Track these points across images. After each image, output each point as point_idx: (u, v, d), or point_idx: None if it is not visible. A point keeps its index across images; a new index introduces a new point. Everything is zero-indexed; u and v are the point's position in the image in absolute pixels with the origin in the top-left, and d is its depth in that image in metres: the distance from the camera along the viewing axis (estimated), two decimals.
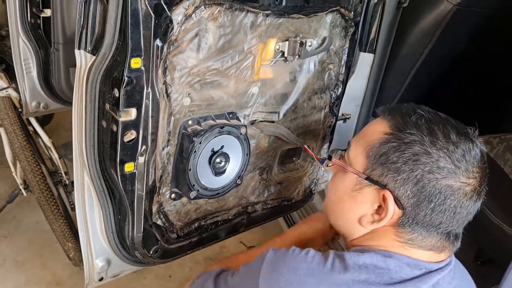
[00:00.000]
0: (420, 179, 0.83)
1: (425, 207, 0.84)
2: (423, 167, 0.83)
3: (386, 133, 0.88)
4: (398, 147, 0.85)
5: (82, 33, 0.98)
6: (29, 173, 2.04)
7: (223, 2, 1.02)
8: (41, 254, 2.54)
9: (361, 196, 0.91)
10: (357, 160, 0.93)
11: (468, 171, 0.83)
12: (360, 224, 0.92)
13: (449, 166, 0.82)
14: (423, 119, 0.87)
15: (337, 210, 0.99)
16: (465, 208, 0.85)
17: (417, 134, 0.84)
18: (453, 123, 0.88)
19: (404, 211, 0.86)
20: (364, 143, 0.91)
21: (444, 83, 1.79)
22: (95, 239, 1.19)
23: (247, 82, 1.19)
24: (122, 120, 0.99)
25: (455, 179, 0.83)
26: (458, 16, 1.49)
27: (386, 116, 0.92)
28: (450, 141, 0.83)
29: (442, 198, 0.83)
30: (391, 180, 0.86)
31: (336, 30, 1.33)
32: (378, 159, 0.87)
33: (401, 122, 0.87)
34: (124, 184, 1.07)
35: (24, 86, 2.13)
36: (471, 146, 0.85)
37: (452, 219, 0.85)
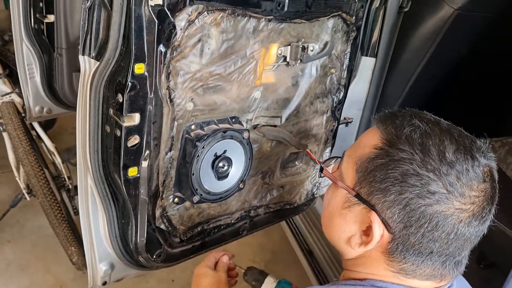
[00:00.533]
0: (408, 203, 0.74)
1: (415, 233, 0.76)
2: (412, 189, 0.74)
3: (376, 147, 0.80)
4: (387, 165, 0.77)
5: (86, 39, 0.99)
6: (33, 178, 2.05)
7: (225, 7, 1.03)
8: (44, 258, 2.55)
9: (351, 215, 0.84)
10: (347, 174, 0.85)
11: (464, 195, 0.74)
12: (349, 245, 0.85)
13: (441, 191, 0.73)
14: (418, 132, 0.77)
15: (329, 227, 0.91)
16: (461, 235, 0.76)
17: (408, 151, 0.75)
18: (454, 137, 0.77)
19: (393, 235, 0.78)
20: (355, 156, 0.84)
21: (445, 87, 1.79)
22: (98, 243, 1.19)
23: (250, 86, 1.19)
24: (125, 125, 1.00)
25: (447, 205, 0.74)
26: (459, 20, 1.49)
27: (380, 126, 0.83)
28: (444, 160, 0.74)
29: (433, 225, 0.75)
30: (378, 201, 0.78)
31: (337, 34, 1.34)
32: (366, 176, 0.80)
33: (394, 135, 0.79)
34: (127, 188, 1.08)
35: (28, 91, 2.14)
36: (469, 165, 0.74)
37: (447, 247, 0.77)
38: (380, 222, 0.78)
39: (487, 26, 1.57)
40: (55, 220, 2.02)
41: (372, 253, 0.83)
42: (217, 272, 1.26)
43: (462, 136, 0.79)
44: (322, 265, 1.90)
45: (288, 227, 2.13)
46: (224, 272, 1.26)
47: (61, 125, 3.54)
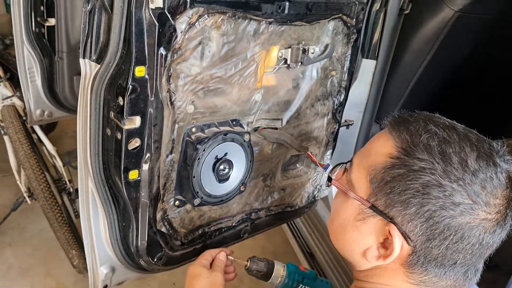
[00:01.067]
0: (431, 216, 0.71)
1: (438, 246, 0.73)
2: (435, 201, 0.70)
3: (392, 156, 0.75)
4: (406, 176, 0.73)
5: (87, 42, 0.99)
6: (34, 181, 2.05)
7: (226, 10, 1.03)
8: (46, 262, 2.55)
9: (366, 227, 0.80)
10: (360, 184, 0.81)
11: (489, 205, 0.71)
12: (365, 258, 0.81)
13: (466, 202, 0.70)
14: (436, 139, 0.73)
15: (341, 239, 0.87)
16: (486, 244, 0.74)
17: (428, 161, 0.72)
18: (473, 142, 0.74)
19: (414, 248, 0.75)
20: (367, 165, 0.80)
21: (446, 89, 1.79)
22: (99, 246, 1.19)
23: (250, 89, 1.19)
24: (126, 128, 1.00)
25: (473, 216, 0.70)
26: (460, 22, 1.49)
27: (393, 131, 0.78)
28: (467, 169, 0.70)
29: (458, 237, 0.71)
30: (397, 214, 0.74)
31: (338, 37, 1.34)
32: (382, 188, 0.76)
33: (410, 143, 0.74)
34: (128, 191, 1.08)
35: (29, 94, 2.15)
36: (493, 172, 0.71)
37: (470, 257, 0.74)
38: (400, 235, 0.75)
39: (488, 28, 1.57)
40: (56, 223, 2.02)
41: (390, 264, 0.79)
42: (212, 272, 1.15)
43: (480, 141, 0.75)
44: (323, 267, 1.90)
45: (290, 230, 2.13)
46: (220, 271, 1.17)
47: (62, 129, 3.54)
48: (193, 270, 1.17)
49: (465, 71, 1.72)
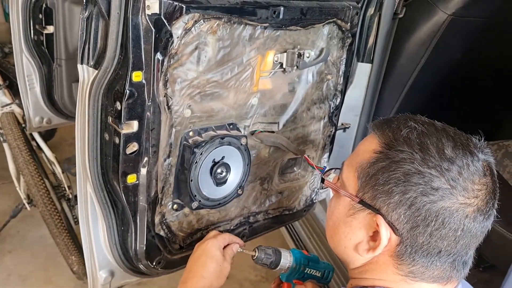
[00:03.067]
0: (413, 202, 0.75)
1: (422, 233, 0.76)
2: (416, 188, 0.75)
3: (376, 152, 0.81)
4: (388, 167, 0.77)
5: (85, 48, 1.00)
6: (33, 188, 2.06)
7: (221, 15, 1.05)
8: (45, 268, 2.55)
9: (356, 222, 0.84)
10: (349, 182, 0.85)
11: (467, 189, 0.75)
12: (357, 252, 0.85)
13: (444, 186, 0.74)
14: (415, 132, 0.79)
15: (335, 237, 0.90)
16: (468, 231, 0.76)
17: (407, 151, 0.76)
18: (450, 135, 0.79)
19: (401, 237, 0.78)
20: (355, 164, 0.84)
21: (441, 92, 1.80)
22: (98, 250, 1.20)
23: (247, 93, 1.21)
24: (124, 133, 1.01)
25: (452, 201, 0.74)
26: (453, 25, 1.51)
27: (377, 131, 0.84)
28: (444, 157, 0.75)
29: (439, 222, 0.75)
30: (382, 204, 0.78)
31: (333, 41, 1.35)
32: (368, 181, 0.80)
33: (391, 138, 0.80)
34: (126, 195, 1.09)
35: (28, 101, 2.16)
36: (469, 160, 0.76)
37: (454, 245, 0.77)
38: (387, 225, 0.78)
39: (480, 31, 1.59)
40: (55, 230, 2.02)
41: (380, 258, 0.83)
42: (224, 261, 1.14)
43: (457, 134, 0.81)
44: None
45: (288, 233, 2.13)
46: (229, 263, 1.16)
47: (61, 136, 3.55)
48: (210, 248, 1.14)
49: (459, 74, 1.73)
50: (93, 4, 0.96)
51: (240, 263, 2.61)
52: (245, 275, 2.57)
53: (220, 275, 1.12)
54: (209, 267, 1.11)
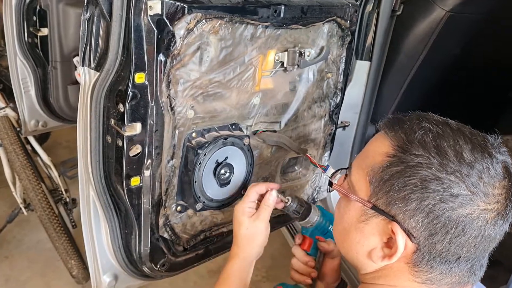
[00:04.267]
0: (431, 210, 0.71)
1: (441, 241, 0.73)
2: (434, 195, 0.71)
3: (389, 155, 0.76)
4: (403, 172, 0.73)
5: (86, 50, 0.99)
6: (31, 192, 2.04)
7: (223, 15, 1.04)
8: (44, 273, 2.53)
9: (369, 228, 0.80)
10: (360, 186, 0.82)
11: (488, 195, 0.71)
12: (370, 259, 0.81)
13: (464, 193, 0.70)
14: (431, 134, 0.74)
15: (345, 243, 0.87)
16: (488, 236, 0.73)
17: (423, 156, 0.72)
18: (466, 135, 0.75)
19: (417, 245, 0.75)
20: (365, 166, 0.80)
21: (440, 88, 1.81)
22: (101, 254, 1.19)
23: (249, 93, 1.20)
24: (127, 135, 1.00)
25: (472, 207, 0.71)
26: (451, 22, 1.51)
27: (388, 131, 0.80)
28: (463, 161, 0.71)
29: (460, 230, 0.72)
30: (398, 211, 0.74)
31: (333, 39, 1.35)
32: (382, 186, 0.77)
33: (405, 140, 0.76)
34: (130, 198, 1.08)
35: (23, 105, 2.14)
36: (489, 163, 0.72)
37: (474, 250, 0.74)
38: (403, 233, 0.75)
39: (479, 27, 1.59)
40: (54, 234, 2.01)
41: (395, 264, 0.79)
42: (255, 220, 1.10)
43: (474, 134, 0.77)
44: None
45: (288, 232, 2.13)
46: (265, 217, 1.11)
47: (55, 139, 3.52)
48: (236, 214, 1.13)
49: (458, 70, 1.74)
50: (94, 5, 0.95)
51: None
52: None
53: (250, 239, 1.10)
54: (238, 234, 1.10)
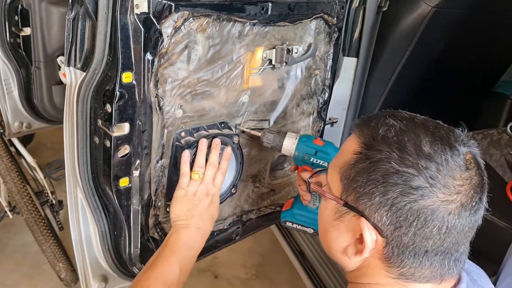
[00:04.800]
0: (393, 203, 0.73)
1: (406, 234, 0.74)
2: (395, 188, 0.73)
3: (356, 152, 0.79)
4: (367, 168, 0.76)
5: (71, 50, 0.98)
6: (16, 195, 2.01)
7: (211, 13, 1.04)
8: (31, 277, 2.49)
9: (343, 225, 0.82)
10: (333, 184, 0.84)
11: (448, 186, 0.72)
12: (346, 255, 0.83)
13: (423, 185, 0.72)
14: (393, 130, 0.76)
15: (326, 241, 0.89)
16: (453, 228, 0.74)
17: (385, 151, 0.74)
18: (429, 129, 0.77)
19: (386, 239, 0.76)
20: (338, 165, 0.83)
21: (426, 84, 1.83)
22: (91, 256, 1.17)
23: (237, 91, 1.20)
24: (115, 135, 0.99)
25: (432, 199, 0.72)
26: (436, 17, 1.53)
27: (357, 130, 0.82)
28: (421, 154, 0.73)
29: (422, 221, 0.73)
30: (365, 206, 0.76)
31: (320, 36, 1.35)
32: (350, 183, 0.79)
33: (370, 138, 0.78)
34: (119, 199, 1.07)
35: (6, 106, 2.10)
36: (448, 156, 0.73)
37: (441, 243, 0.75)
38: (370, 227, 0.76)
39: (463, 22, 1.61)
40: (41, 237, 1.98)
41: (371, 261, 0.81)
42: (195, 194, 1.13)
43: (438, 128, 0.78)
44: (314, 265, 1.91)
45: (278, 229, 2.14)
46: (214, 183, 1.15)
47: (39, 140, 3.47)
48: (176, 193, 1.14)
49: (443, 65, 1.75)
50: (79, 4, 0.93)
51: (230, 262, 2.60)
52: (235, 273, 2.56)
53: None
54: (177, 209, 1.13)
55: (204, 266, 2.54)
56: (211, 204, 1.15)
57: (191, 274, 2.59)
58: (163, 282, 1.01)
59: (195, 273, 2.52)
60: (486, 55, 1.82)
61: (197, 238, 1.11)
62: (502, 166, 1.64)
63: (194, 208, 1.12)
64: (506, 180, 1.60)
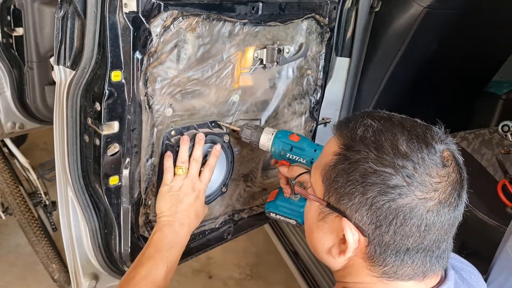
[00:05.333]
0: (373, 202, 0.74)
1: (387, 232, 0.75)
2: (373, 188, 0.74)
3: (336, 154, 0.80)
4: (347, 169, 0.77)
5: (61, 48, 0.98)
6: (9, 195, 2.00)
7: (200, 12, 1.04)
8: (24, 278, 2.48)
9: (327, 226, 0.83)
10: (316, 186, 0.85)
11: (425, 184, 0.73)
12: (330, 256, 0.84)
13: (400, 184, 0.73)
14: (371, 130, 0.77)
15: (311, 242, 0.90)
16: (433, 225, 0.75)
17: (363, 151, 0.76)
18: (406, 128, 0.78)
19: (368, 238, 0.77)
20: (320, 167, 0.84)
21: (418, 83, 1.83)
22: (81, 255, 1.17)
23: (228, 90, 1.20)
24: (104, 134, 0.99)
25: (410, 197, 0.73)
26: (428, 18, 1.54)
27: (337, 132, 0.83)
28: (398, 153, 0.74)
29: (401, 220, 0.74)
30: (346, 206, 0.77)
31: (312, 36, 1.36)
32: (331, 184, 0.80)
33: (349, 138, 0.79)
34: (109, 197, 1.07)
35: None
36: (424, 154, 0.74)
37: (421, 240, 0.76)
38: (352, 227, 0.77)
39: (454, 22, 1.62)
40: (34, 238, 1.97)
41: (355, 261, 0.82)
42: (180, 189, 1.12)
43: (414, 126, 0.79)
44: (308, 265, 1.91)
45: (272, 229, 2.14)
46: (200, 179, 1.15)
47: (32, 141, 3.46)
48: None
49: (435, 65, 1.76)
50: (68, 3, 0.93)
51: (224, 262, 2.60)
52: (229, 273, 2.56)
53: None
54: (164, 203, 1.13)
55: (198, 267, 2.54)
56: (197, 199, 1.14)
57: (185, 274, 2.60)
58: (150, 281, 1.00)
59: (189, 274, 2.51)
60: (478, 55, 1.83)
61: (181, 234, 1.10)
62: (493, 165, 1.65)
63: (178, 203, 1.11)
64: (497, 179, 1.60)
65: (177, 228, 1.09)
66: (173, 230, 1.09)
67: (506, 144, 1.73)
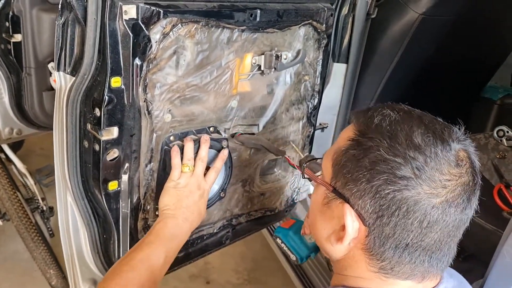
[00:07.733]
0: (378, 190, 0.73)
1: (388, 223, 0.74)
2: (380, 176, 0.72)
3: (350, 139, 0.79)
4: (357, 155, 0.76)
5: (61, 55, 0.99)
6: (6, 201, 2.00)
7: (199, 19, 1.05)
8: (22, 284, 2.47)
9: (330, 211, 0.82)
10: (326, 171, 0.84)
11: (434, 179, 0.72)
12: (329, 242, 0.83)
13: (409, 175, 0.71)
14: (388, 120, 0.77)
15: (313, 227, 0.89)
16: (436, 223, 0.73)
17: (376, 139, 0.75)
18: (423, 122, 0.77)
19: (368, 228, 0.76)
20: (332, 152, 0.83)
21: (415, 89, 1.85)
22: (80, 261, 1.17)
23: (226, 96, 1.21)
24: (104, 139, 1.00)
25: (416, 190, 0.72)
26: (423, 24, 1.56)
27: (354, 119, 0.83)
28: (411, 144, 0.73)
29: (404, 212, 0.72)
30: (350, 192, 0.77)
31: (309, 42, 1.37)
32: (340, 169, 0.79)
33: (365, 125, 0.79)
34: (108, 203, 1.07)
35: None
36: (439, 149, 0.73)
37: (421, 237, 0.74)
38: (353, 214, 0.76)
39: (449, 29, 1.64)
40: (32, 244, 1.97)
41: (355, 252, 0.81)
42: (186, 186, 1.12)
43: (433, 122, 0.78)
44: (306, 270, 1.91)
45: (270, 234, 2.14)
46: (206, 180, 1.16)
47: (29, 147, 3.46)
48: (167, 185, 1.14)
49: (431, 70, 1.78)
50: (69, 10, 0.94)
51: (222, 267, 2.60)
52: (227, 278, 2.56)
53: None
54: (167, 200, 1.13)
55: (195, 272, 2.54)
56: (201, 198, 1.14)
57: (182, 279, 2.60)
58: (147, 266, 0.99)
59: (186, 279, 2.51)
60: (473, 60, 1.85)
61: (183, 229, 1.10)
62: (489, 170, 1.67)
63: (183, 199, 1.11)
64: (493, 183, 1.62)
65: (180, 223, 1.09)
66: (177, 224, 1.09)
67: (502, 149, 1.75)
